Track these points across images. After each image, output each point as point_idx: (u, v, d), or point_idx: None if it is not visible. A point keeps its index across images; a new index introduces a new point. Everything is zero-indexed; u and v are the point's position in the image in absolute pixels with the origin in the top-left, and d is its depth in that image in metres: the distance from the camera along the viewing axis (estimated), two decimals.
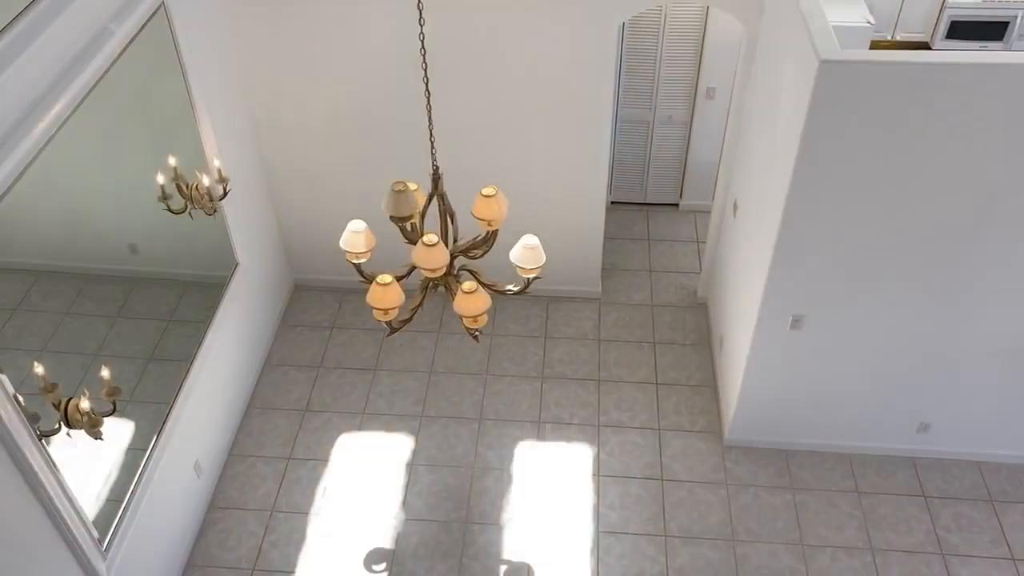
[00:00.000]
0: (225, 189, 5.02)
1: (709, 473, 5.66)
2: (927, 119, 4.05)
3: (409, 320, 4.06)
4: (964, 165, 4.20)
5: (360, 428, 6.00)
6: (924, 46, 6.55)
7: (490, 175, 6.06)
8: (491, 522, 5.42)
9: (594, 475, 5.67)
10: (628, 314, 6.80)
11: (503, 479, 5.66)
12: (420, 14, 3.31)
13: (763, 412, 5.58)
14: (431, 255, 3.62)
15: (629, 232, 7.55)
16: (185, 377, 5.11)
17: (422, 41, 3.39)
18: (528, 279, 4.02)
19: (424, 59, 3.43)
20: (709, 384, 6.23)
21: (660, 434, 5.91)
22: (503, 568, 5.19)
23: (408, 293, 3.95)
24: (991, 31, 6.35)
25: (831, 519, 5.38)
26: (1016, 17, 6.28)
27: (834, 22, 4.70)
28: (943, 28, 6.39)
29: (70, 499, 3.96)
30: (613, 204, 7.83)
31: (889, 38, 6.57)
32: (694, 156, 7.38)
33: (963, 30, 6.38)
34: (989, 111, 3.99)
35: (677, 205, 7.80)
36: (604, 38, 5.43)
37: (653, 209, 7.79)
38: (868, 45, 5.57)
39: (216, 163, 5.01)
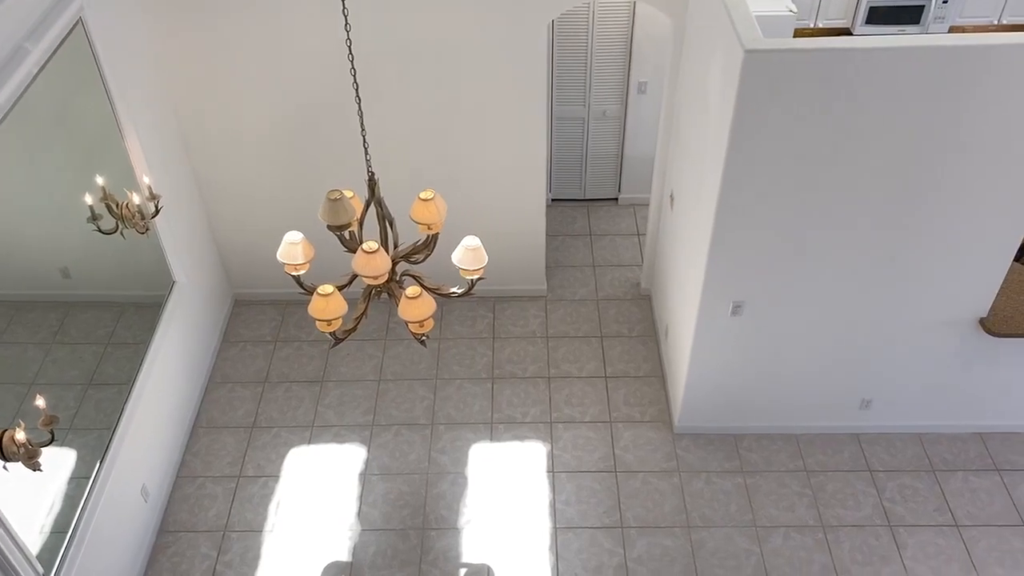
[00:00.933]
0: (157, 206, 4.91)
1: (661, 462, 5.73)
2: (851, 103, 4.16)
3: (353, 329, 4.02)
4: (888, 146, 4.32)
5: (310, 441, 5.92)
6: (846, 32, 6.73)
7: (428, 178, 6.07)
8: (448, 527, 5.40)
9: (548, 471, 5.69)
10: (574, 310, 6.84)
11: (458, 483, 5.64)
12: (346, 20, 3.29)
13: (710, 398, 5.66)
14: (372, 262, 3.59)
15: (571, 228, 7.60)
16: (126, 401, 4.98)
17: (349, 47, 3.36)
18: (472, 280, 4.01)
19: (352, 65, 3.41)
20: (657, 374, 6.31)
21: (612, 426, 5.96)
22: (462, 571, 5.18)
23: (351, 302, 3.91)
24: (908, 15, 6.57)
25: (782, 499, 5.49)
26: (931, 1, 6.50)
27: (757, 12, 4.80)
28: (863, 14, 6.59)
29: (10, 534, 3.83)
30: (554, 201, 7.87)
31: (812, 26, 6.74)
32: (630, 150, 7.46)
33: (882, 15, 6.58)
34: (908, 92, 4.11)
35: (616, 199, 7.87)
36: (533, 37, 5.45)
37: (593, 204, 7.86)
38: (792, 34, 5.69)
39: (146, 180, 4.90)
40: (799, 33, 6.49)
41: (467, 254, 3.87)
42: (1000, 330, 4.98)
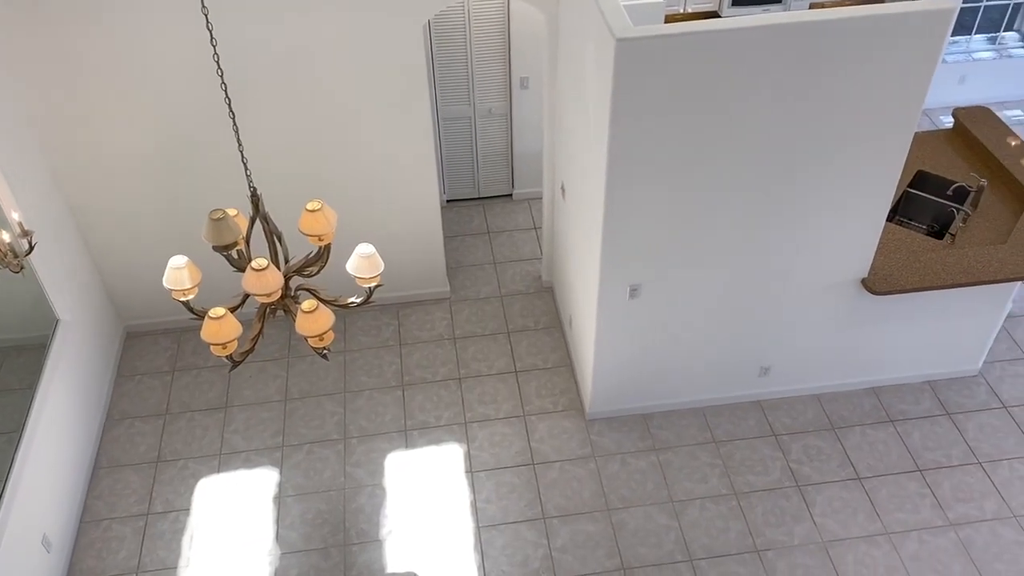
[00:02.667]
0: (30, 243, 4.66)
1: (577, 449, 5.80)
2: (722, 82, 4.30)
3: (251, 351, 3.92)
4: (762, 121, 4.49)
5: (219, 470, 5.74)
6: (714, 15, 6.95)
7: (316, 188, 5.97)
8: (370, 540, 5.33)
9: (467, 472, 5.69)
10: (479, 308, 6.85)
11: (376, 494, 5.58)
12: (211, 35, 3.19)
13: (618, 382, 5.77)
14: (262, 280, 3.51)
15: (468, 228, 7.61)
16: (16, 450, 4.72)
17: (217, 61, 3.27)
18: (369, 289, 3.97)
19: (222, 79, 3.31)
20: (565, 364, 6.38)
21: (526, 420, 6.00)
22: None
23: (246, 322, 3.82)
24: None
25: (695, 472, 5.64)
26: None
27: (626, 2, 4.90)
28: None
29: None
30: (449, 202, 7.86)
31: (681, 11, 6.93)
32: (519, 145, 7.51)
33: None
34: (775, 68, 4.28)
35: (511, 195, 7.92)
36: (410, 38, 5.42)
37: (488, 202, 7.88)
38: (663, 20, 5.83)
39: (16, 217, 4.62)
40: (670, 19, 6.67)
41: (362, 262, 3.83)
42: (880, 288, 5.25)
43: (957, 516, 5.37)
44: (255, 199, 3.76)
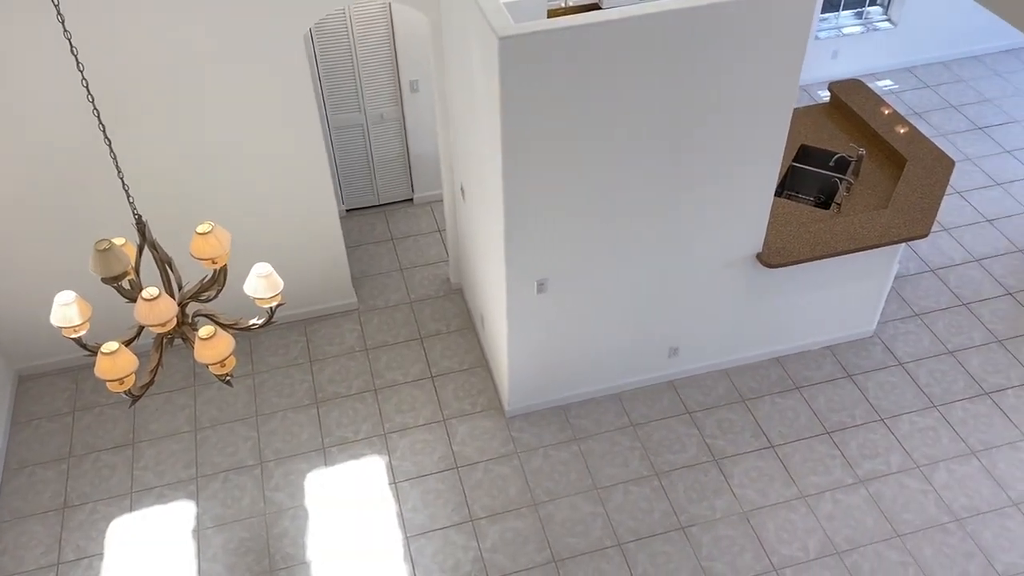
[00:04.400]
0: None
1: (499, 447, 5.81)
2: (607, 73, 4.37)
3: (151, 383, 3.77)
4: (649, 108, 4.58)
5: (132, 509, 5.52)
6: (595, 7, 7.04)
7: (207, 210, 5.79)
8: (297, 563, 5.22)
9: (391, 483, 5.62)
10: (389, 316, 6.77)
11: (299, 516, 5.46)
12: (76, 60, 3.05)
13: (534, 376, 5.80)
14: (155, 310, 3.37)
15: (371, 236, 7.51)
16: None
17: (86, 86, 3.12)
18: (271, 309, 3.86)
19: (94, 104, 3.17)
20: (481, 364, 6.38)
21: (446, 424, 5.97)
22: None
23: (144, 353, 3.67)
24: None
25: (616, 457, 5.73)
26: None
27: (507, 0, 4.92)
28: None
29: None
30: (349, 212, 7.75)
31: (563, 5, 6.99)
32: (415, 149, 7.46)
33: None
34: (657, 55, 4.37)
35: (412, 200, 7.86)
36: (292, 48, 5.31)
37: (390, 208, 7.80)
38: (546, 15, 5.88)
39: None
40: (553, 13, 6.72)
41: (260, 282, 3.72)
42: (775, 261, 5.43)
43: (866, 473, 5.61)
44: (141, 226, 3.62)
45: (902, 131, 6.33)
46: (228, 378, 3.82)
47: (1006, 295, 6.72)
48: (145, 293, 3.39)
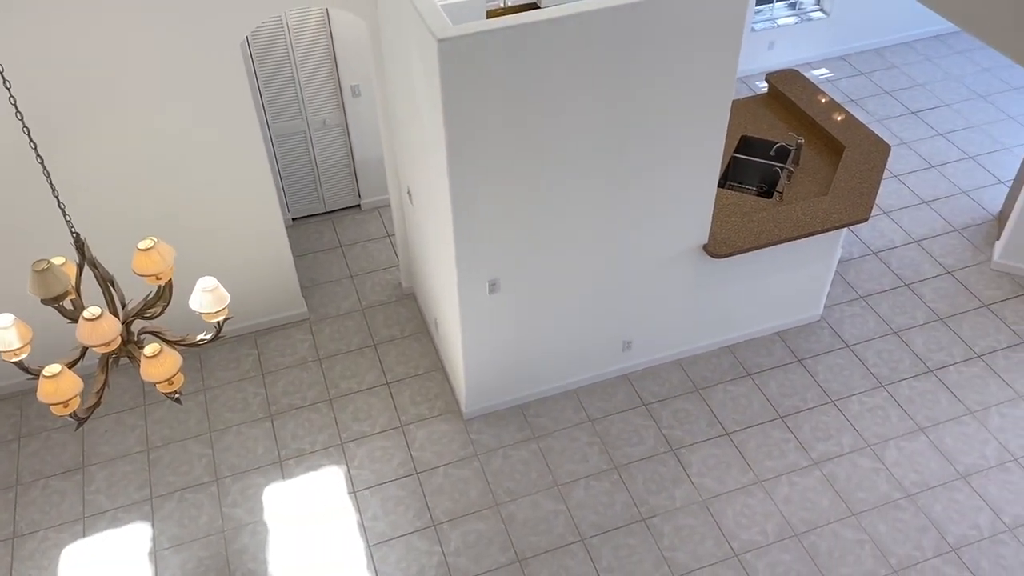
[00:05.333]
0: None
1: (458, 451, 5.80)
2: (548, 71, 4.38)
3: (97, 404, 3.68)
4: (590, 105, 4.61)
5: (85, 534, 5.38)
6: (534, 7, 7.06)
7: (149, 225, 5.68)
8: None
9: (350, 492, 5.57)
10: (341, 325, 6.71)
11: (259, 531, 5.38)
12: (1, 76, 2.96)
13: (490, 377, 5.80)
14: (97, 329, 3.30)
15: (319, 244, 7.44)
16: None
17: (14, 104, 3.03)
18: (218, 323, 3.80)
19: (23, 122, 3.08)
20: (437, 367, 6.35)
21: (404, 430, 5.93)
22: None
23: (89, 375, 3.58)
24: None
25: (575, 453, 5.76)
26: None
27: (444, 2, 4.92)
28: None
29: None
30: (296, 221, 7.66)
31: (502, 5, 7.00)
32: (360, 154, 7.41)
33: None
34: (596, 52, 4.40)
35: (359, 206, 7.80)
36: (228, 57, 5.23)
37: (337, 215, 7.73)
38: (484, 16, 5.88)
39: None
40: (492, 14, 6.72)
41: (205, 297, 3.66)
42: (721, 251, 5.51)
43: (819, 454, 5.72)
44: (80, 244, 3.54)
45: (839, 118, 6.47)
46: (177, 396, 3.76)
47: (945, 274, 6.91)
48: (87, 313, 3.31)
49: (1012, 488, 5.48)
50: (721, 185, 6.32)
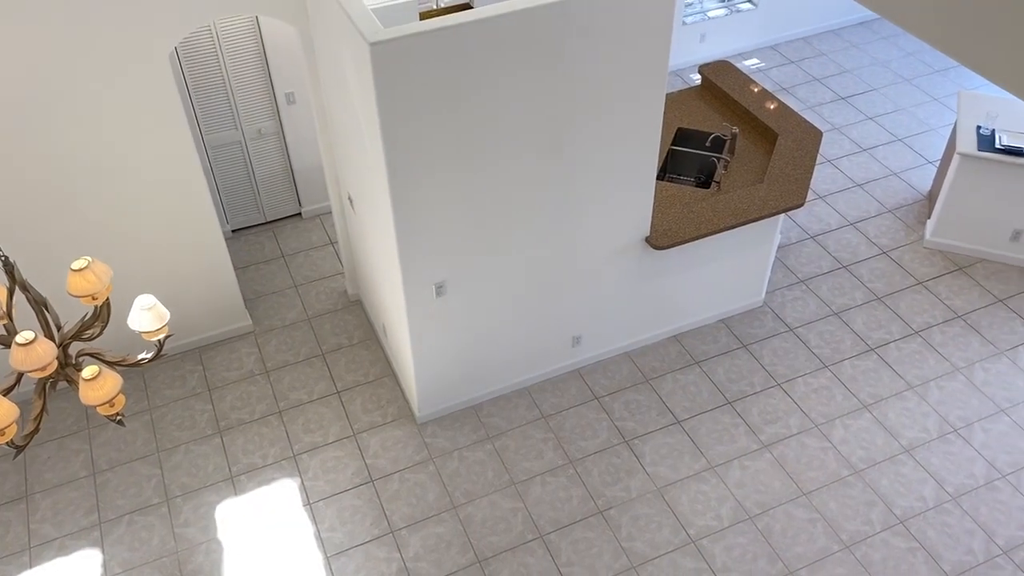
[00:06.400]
0: None
1: (413, 455, 5.77)
2: (482, 71, 4.39)
3: (35, 431, 3.57)
4: (526, 104, 4.62)
5: (31, 565, 5.22)
6: (467, 7, 7.06)
7: (83, 244, 5.53)
8: None
9: (305, 505, 5.51)
10: (288, 335, 6.63)
11: (213, 550, 5.28)
12: None
13: (442, 380, 5.78)
14: (31, 354, 3.20)
15: (261, 255, 7.33)
16: None
17: None
18: (159, 341, 3.72)
19: None
20: (387, 373, 6.31)
21: (357, 439, 5.89)
22: None
23: (26, 401, 3.48)
24: None
25: (530, 450, 5.78)
26: None
27: (378, 5, 4.89)
28: None
29: None
30: (235, 232, 7.54)
31: (435, 6, 6.98)
32: (298, 162, 7.32)
33: None
34: (529, 51, 4.41)
35: (300, 214, 7.71)
36: (158, 69, 5.12)
37: (278, 225, 7.63)
38: (417, 18, 5.86)
39: None
40: (425, 15, 6.70)
41: (144, 315, 3.59)
42: (663, 243, 5.57)
43: (768, 437, 5.83)
44: (8, 267, 3.43)
45: (771, 107, 6.60)
46: (119, 418, 3.67)
47: (881, 254, 7.10)
48: (19, 338, 3.21)
49: (953, 459, 5.66)
50: (660, 178, 6.40)
